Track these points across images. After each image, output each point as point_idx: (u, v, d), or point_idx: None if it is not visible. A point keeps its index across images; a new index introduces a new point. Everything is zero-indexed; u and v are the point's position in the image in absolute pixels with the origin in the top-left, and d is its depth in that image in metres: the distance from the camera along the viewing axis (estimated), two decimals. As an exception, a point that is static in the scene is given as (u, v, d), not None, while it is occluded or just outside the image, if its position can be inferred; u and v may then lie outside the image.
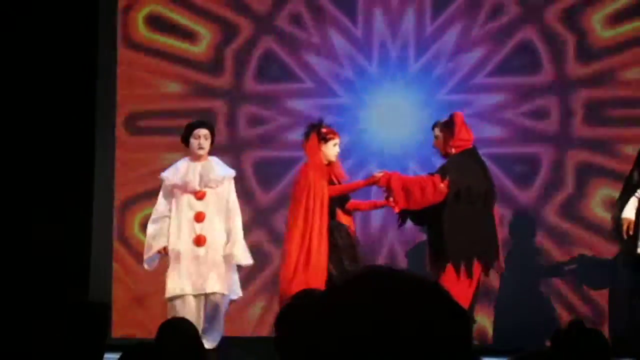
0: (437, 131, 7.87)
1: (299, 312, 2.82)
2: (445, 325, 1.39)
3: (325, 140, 7.87)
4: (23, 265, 9.22)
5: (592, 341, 3.32)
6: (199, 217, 7.87)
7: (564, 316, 8.93)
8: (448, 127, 7.79)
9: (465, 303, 7.31)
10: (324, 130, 7.91)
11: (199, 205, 7.91)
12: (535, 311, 9.02)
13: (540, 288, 9.23)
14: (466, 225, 7.54)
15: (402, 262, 9.20)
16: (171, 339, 4.42)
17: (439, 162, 7.97)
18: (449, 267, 7.49)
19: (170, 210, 7.94)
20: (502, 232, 8.22)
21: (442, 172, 7.66)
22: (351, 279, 1.46)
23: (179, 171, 7.98)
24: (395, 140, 9.47)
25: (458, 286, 7.34)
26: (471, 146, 7.83)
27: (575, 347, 3.28)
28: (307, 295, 2.93)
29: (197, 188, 7.91)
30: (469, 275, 7.49)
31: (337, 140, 7.92)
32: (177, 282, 7.79)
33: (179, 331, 4.57)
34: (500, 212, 8.24)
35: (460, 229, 7.53)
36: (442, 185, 7.58)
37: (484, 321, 8.91)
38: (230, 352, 8.04)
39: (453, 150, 7.76)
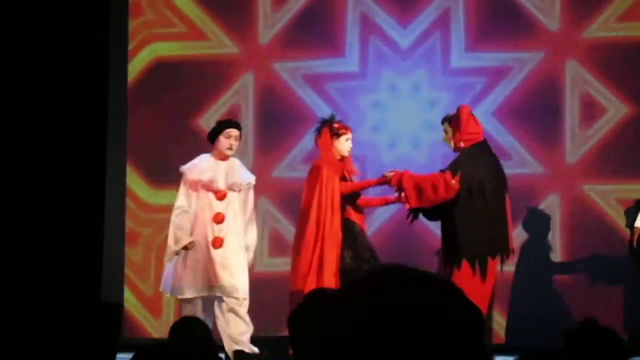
0: (445, 126, 7.82)
1: (312, 311, 2.81)
2: (459, 322, 1.38)
3: (338, 135, 7.86)
4: (36, 266, 9.22)
5: (605, 340, 3.30)
6: (218, 218, 7.79)
7: (578, 314, 8.91)
8: (455, 121, 7.74)
9: (481, 300, 7.25)
10: (335, 125, 7.89)
11: (219, 206, 7.82)
12: (549, 309, 8.99)
13: (554, 286, 9.21)
14: (480, 221, 7.48)
15: (416, 261, 9.18)
16: (183, 339, 4.41)
17: (450, 158, 7.94)
18: (464, 264, 7.45)
19: (190, 206, 7.86)
20: (515, 228, 8.17)
21: (453, 167, 7.60)
22: (364, 277, 1.46)
23: (203, 168, 7.88)
24: (406, 137, 9.49)
25: (472, 283, 7.30)
26: (482, 139, 7.76)
27: (588, 346, 3.26)
28: (319, 294, 2.92)
29: (222, 188, 7.87)
30: (483, 272, 7.44)
31: (349, 135, 7.91)
32: (191, 284, 7.73)
33: (191, 331, 4.57)
34: (514, 207, 8.17)
35: (474, 225, 7.47)
36: (453, 181, 7.52)
37: (497, 319, 8.89)
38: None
39: (462, 145, 7.70)
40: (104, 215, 9.54)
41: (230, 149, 7.87)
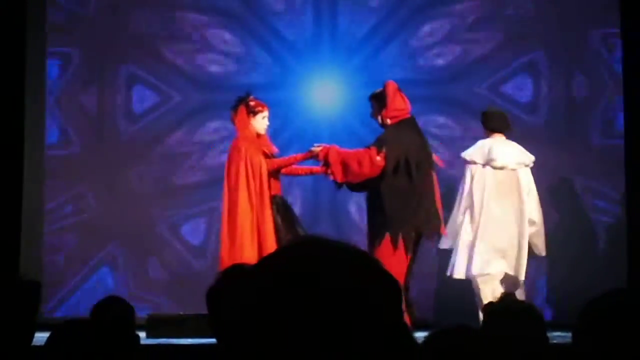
0: (373, 102, 7.88)
1: (230, 287, 2.80)
2: (376, 293, 1.37)
3: (254, 113, 7.84)
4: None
5: (523, 314, 3.33)
6: None
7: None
8: (381, 97, 7.78)
9: (401, 276, 7.34)
10: (252, 103, 7.87)
11: None
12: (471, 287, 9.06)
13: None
14: (405, 197, 7.54)
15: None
16: (104, 317, 4.36)
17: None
18: (386, 240, 7.50)
19: None
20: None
21: (379, 144, 7.66)
22: (280, 250, 1.44)
23: None
24: (334, 113, 9.49)
25: (394, 258, 7.36)
26: (409, 116, 7.81)
27: (506, 320, 3.29)
28: (238, 269, 2.91)
29: None
30: (407, 247, 7.50)
31: (265, 113, 7.89)
32: None
33: (112, 309, 4.52)
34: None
35: (399, 201, 7.53)
36: (378, 158, 7.58)
37: (423, 298, 8.93)
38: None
39: (389, 121, 7.75)
40: (22, 191, 9.37)
41: None
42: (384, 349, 1.36)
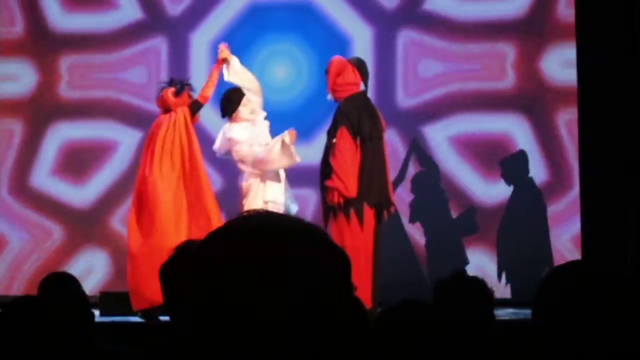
0: (326, 76, 7.86)
1: (182, 263, 2.79)
2: (324, 266, 1.37)
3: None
4: None
5: (474, 290, 3.35)
6: None
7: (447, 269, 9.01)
8: (327, 73, 7.80)
9: (364, 249, 7.36)
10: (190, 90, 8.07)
11: None
12: (420, 266, 9.09)
13: (429, 239, 9.32)
14: (358, 171, 7.52)
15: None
16: (54, 293, 4.33)
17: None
18: (340, 213, 7.48)
19: None
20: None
21: (335, 124, 7.66)
22: (227, 225, 1.44)
23: None
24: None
25: (350, 231, 7.36)
26: (359, 90, 7.77)
27: (457, 296, 3.31)
28: (190, 245, 2.91)
29: None
30: (360, 219, 7.46)
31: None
32: None
33: (62, 285, 4.49)
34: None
35: (352, 175, 7.51)
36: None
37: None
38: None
39: (338, 95, 7.72)
40: None
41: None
42: (332, 322, 1.36)
